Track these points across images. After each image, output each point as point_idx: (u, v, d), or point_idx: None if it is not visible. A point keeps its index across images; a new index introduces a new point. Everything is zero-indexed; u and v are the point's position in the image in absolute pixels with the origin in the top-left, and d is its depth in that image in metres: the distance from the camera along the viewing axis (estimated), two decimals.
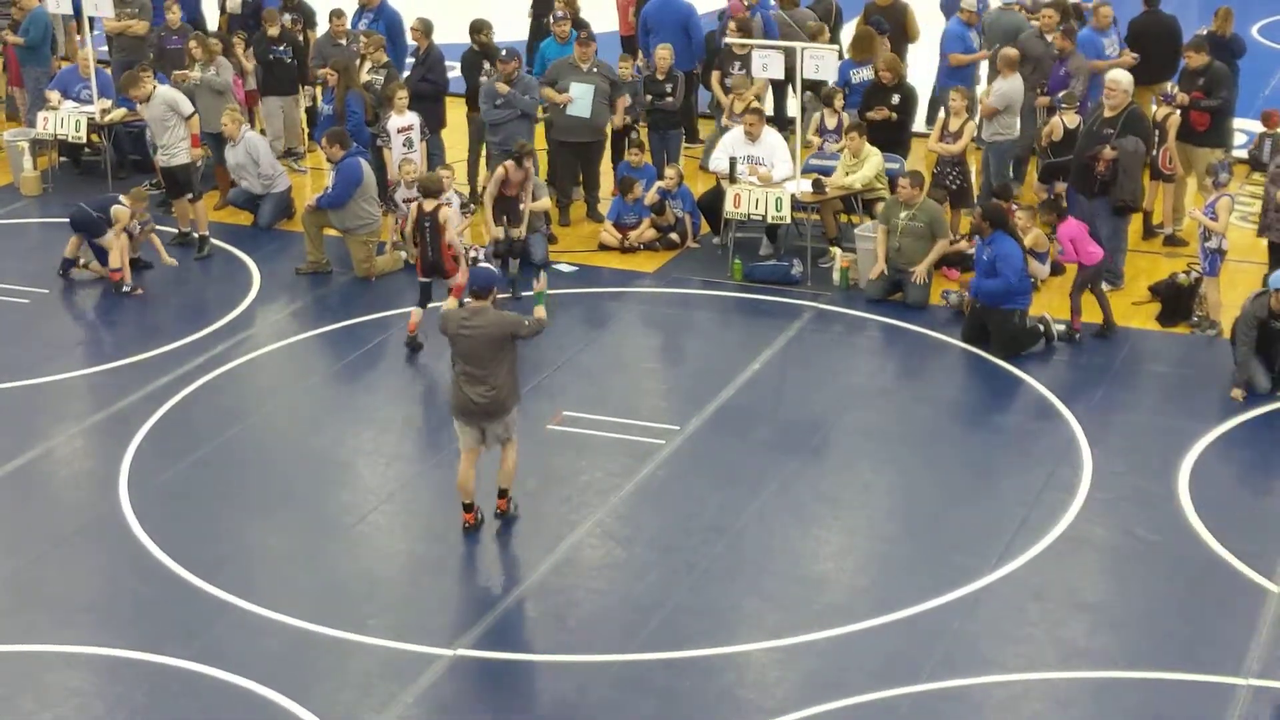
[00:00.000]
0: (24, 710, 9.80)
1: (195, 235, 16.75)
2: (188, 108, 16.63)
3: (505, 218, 15.62)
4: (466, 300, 11.53)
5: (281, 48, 18.58)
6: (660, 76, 17.71)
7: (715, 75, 18.20)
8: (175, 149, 16.52)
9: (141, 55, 19.56)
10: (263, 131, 18.64)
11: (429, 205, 14.30)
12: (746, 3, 18.90)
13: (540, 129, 17.68)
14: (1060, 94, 16.68)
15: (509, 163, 15.63)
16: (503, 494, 11.72)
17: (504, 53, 17.05)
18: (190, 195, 16.69)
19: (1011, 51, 17.29)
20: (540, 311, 11.55)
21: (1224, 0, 18.23)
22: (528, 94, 16.80)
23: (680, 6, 18.93)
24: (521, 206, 15.66)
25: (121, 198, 15.98)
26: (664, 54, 17.78)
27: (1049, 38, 17.49)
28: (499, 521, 11.70)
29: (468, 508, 11.64)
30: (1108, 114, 15.27)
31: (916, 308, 15.15)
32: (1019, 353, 14.19)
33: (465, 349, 11.33)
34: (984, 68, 18.56)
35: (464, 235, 16.57)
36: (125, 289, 15.74)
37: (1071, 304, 14.60)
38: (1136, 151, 15.03)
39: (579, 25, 18.44)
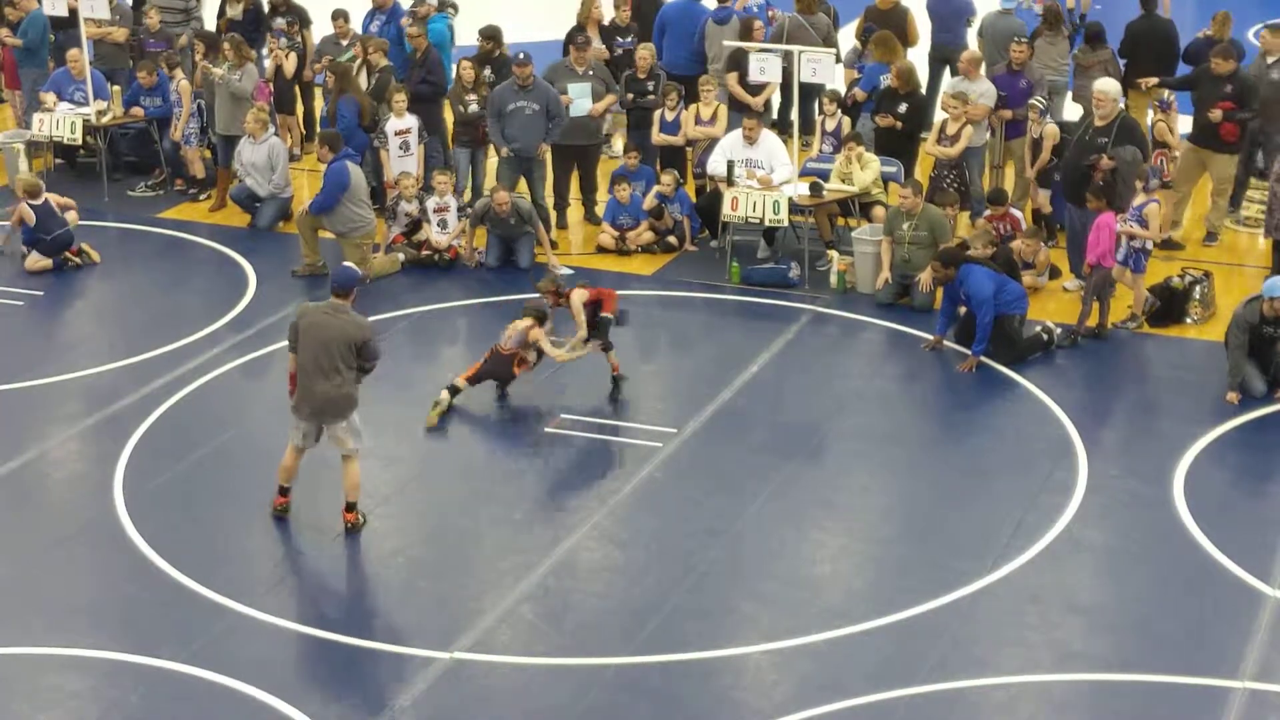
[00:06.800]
0: (18, 714, 9.78)
1: None
2: None
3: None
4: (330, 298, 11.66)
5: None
6: (641, 75, 17.66)
7: (733, 76, 17.95)
8: None
9: (121, 62, 19.58)
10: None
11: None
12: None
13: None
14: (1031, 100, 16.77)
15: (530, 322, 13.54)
16: (350, 507, 11.67)
17: (520, 55, 16.72)
18: None
19: (977, 54, 17.30)
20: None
21: (1221, 4, 18.27)
22: (547, 101, 16.67)
23: (702, 13, 18.78)
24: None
25: None
26: (645, 54, 17.75)
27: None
28: (350, 533, 11.59)
29: (283, 491, 11.77)
30: (1098, 123, 15.21)
31: (923, 310, 15.14)
32: (1020, 360, 14.15)
33: (320, 341, 11.40)
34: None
35: (462, 238, 16.59)
36: None
37: (1083, 307, 14.59)
38: (1135, 161, 14.99)
39: (576, 30, 18.43)
